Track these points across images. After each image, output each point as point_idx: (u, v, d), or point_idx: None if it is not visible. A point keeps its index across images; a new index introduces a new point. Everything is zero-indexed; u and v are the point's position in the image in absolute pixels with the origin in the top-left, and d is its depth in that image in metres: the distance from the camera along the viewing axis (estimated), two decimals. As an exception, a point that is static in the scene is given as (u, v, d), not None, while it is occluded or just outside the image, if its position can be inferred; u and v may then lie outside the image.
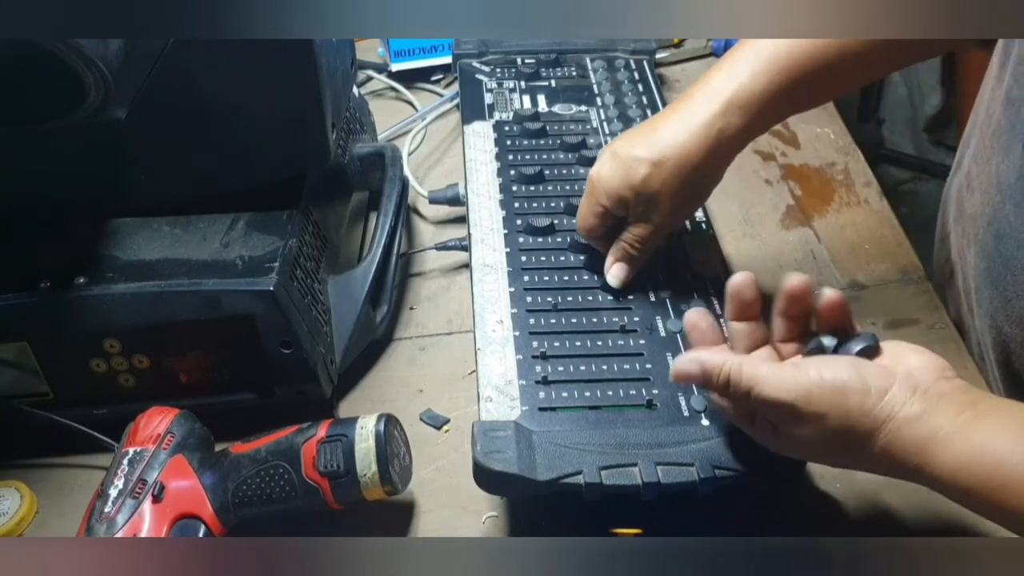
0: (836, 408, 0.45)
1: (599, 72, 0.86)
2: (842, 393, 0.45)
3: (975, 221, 0.59)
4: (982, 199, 0.58)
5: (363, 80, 1.00)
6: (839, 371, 0.45)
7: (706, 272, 0.65)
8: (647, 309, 0.61)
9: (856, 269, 0.75)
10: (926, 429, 0.43)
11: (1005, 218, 0.54)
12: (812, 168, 0.86)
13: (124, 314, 0.58)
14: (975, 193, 0.60)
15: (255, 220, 0.64)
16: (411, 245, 0.80)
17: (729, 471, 0.51)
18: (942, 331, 0.69)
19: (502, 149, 0.76)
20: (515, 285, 0.63)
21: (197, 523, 0.54)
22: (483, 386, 0.56)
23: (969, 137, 0.63)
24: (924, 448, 0.43)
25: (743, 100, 0.56)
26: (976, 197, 0.59)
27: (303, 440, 0.55)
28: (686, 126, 0.57)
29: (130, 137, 0.60)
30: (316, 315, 0.63)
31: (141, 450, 0.55)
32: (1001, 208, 0.55)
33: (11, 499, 0.61)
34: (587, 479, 0.50)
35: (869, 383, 0.45)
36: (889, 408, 0.44)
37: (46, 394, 0.62)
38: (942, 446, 0.43)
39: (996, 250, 0.56)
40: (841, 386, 0.45)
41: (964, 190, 0.62)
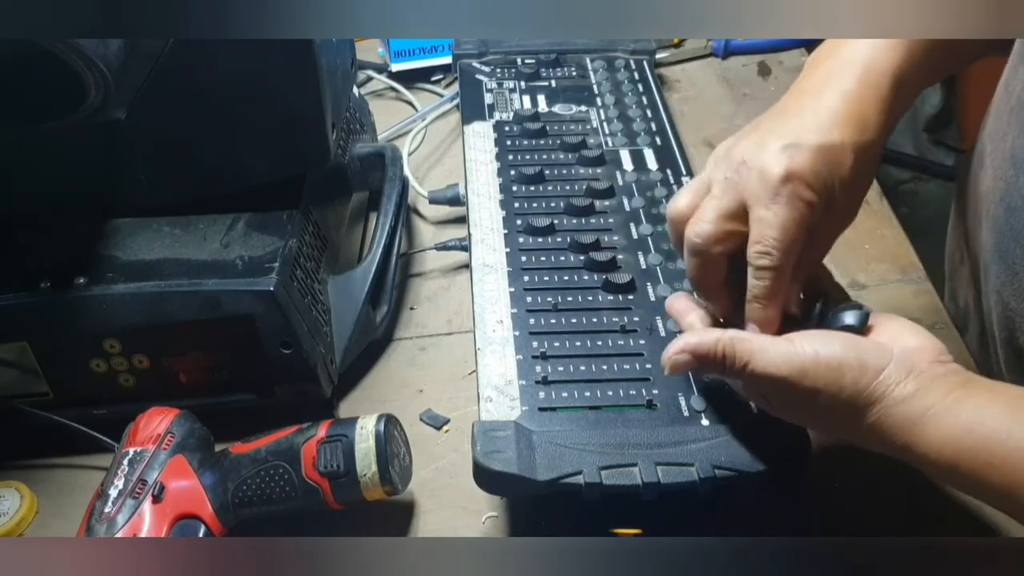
0: (831, 385, 0.45)
1: (599, 72, 0.86)
2: (837, 371, 0.45)
3: (987, 198, 0.59)
4: (994, 175, 0.57)
5: (363, 80, 1.00)
6: (835, 347, 0.45)
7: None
8: (647, 309, 0.61)
9: (856, 269, 0.75)
10: (916, 408, 0.44)
11: (1018, 191, 0.53)
12: (812, 168, 0.86)
13: (124, 314, 0.58)
14: (988, 171, 0.59)
15: (255, 220, 0.64)
16: (411, 245, 0.80)
17: (729, 471, 0.51)
18: (942, 331, 0.69)
19: (502, 149, 0.76)
20: (515, 285, 0.63)
21: (197, 523, 0.54)
22: (483, 386, 0.56)
23: (985, 119, 0.63)
24: (913, 426, 0.44)
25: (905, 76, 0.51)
26: (988, 174, 0.58)
27: (303, 440, 0.55)
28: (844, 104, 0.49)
29: (130, 137, 0.60)
30: (316, 315, 0.63)
31: (141, 450, 0.55)
32: (1014, 182, 0.54)
33: (11, 499, 0.61)
34: (587, 479, 0.50)
35: (865, 361, 0.45)
36: (883, 387, 0.44)
37: (46, 394, 0.62)
38: (930, 424, 0.43)
39: (1007, 223, 0.55)
40: (837, 364, 0.45)
41: (978, 169, 0.61)
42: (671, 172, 0.73)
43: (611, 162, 0.74)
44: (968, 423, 0.42)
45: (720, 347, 0.47)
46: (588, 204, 0.69)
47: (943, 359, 0.46)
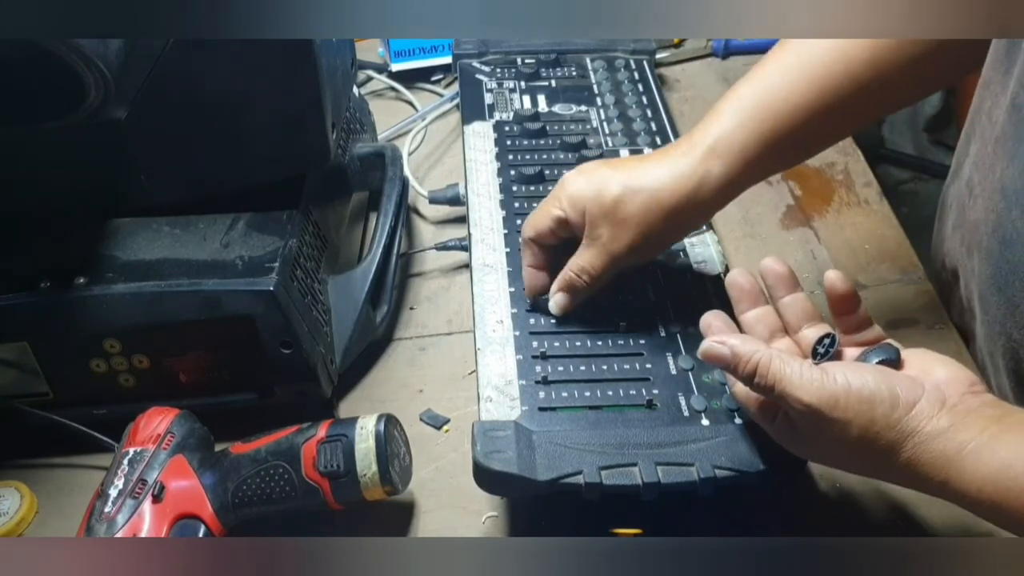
0: (861, 417, 0.44)
1: (599, 72, 0.86)
2: (869, 402, 0.44)
3: (978, 228, 0.59)
4: (985, 206, 0.58)
5: (363, 80, 1.00)
6: (867, 379, 0.45)
7: (706, 271, 0.65)
8: (647, 308, 0.61)
9: (856, 269, 0.75)
10: (952, 444, 0.43)
11: (1011, 224, 0.54)
12: (812, 168, 0.86)
13: (124, 314, 0.58)
14: (977, 200, 0.59)
15: (255, 220, 0.64)
16: (411, 245, 0.80)
17: (729, 471, 0.51)
18: (942, 331, 0.69)
19: (502, 149, 0.76)
20: (515, 285, 0.63)
21: (197, 523, 0.54)
22: (483, 386, 0.56)
23: (966, 145, 0.63)
24: (950, 463, 0.43)
25: (723, 149, 0.55)
26: (979, 204, 0.59)
27: (303, 440, 0.55)
28: (668, 168, 0.56)
29: (130, 137, 0.60)
30: (316, 315, 0.63)
31: (141, 450, 0.55)
32: (1007, 214, 0.55)
33: (11, 499, 0.61)
34: (587, 479, 0.50)
35: (898, 394, 0.44)
36: (915, 422, 0.44)
37: (46, 394, 0.62)
38: (968, 461, 0.42)
39: (1002, 256, 0.56)
40: (868, 395, 0.44)
41: (966, 197, 0.62)
42: (671, 172, 0.73)
43: (611, 162, 0.74)
44: (1006, 460, 0.42)
45: (755, 358, 0.46)
46: (588, 204, 0.68)
47: (975, 389, 0.45)
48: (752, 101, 0.56)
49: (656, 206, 0.55)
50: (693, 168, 0.55)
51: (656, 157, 0.58)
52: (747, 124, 0.55)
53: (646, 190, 0.55)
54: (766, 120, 0.55)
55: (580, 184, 0.57)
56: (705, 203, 0.56)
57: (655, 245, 0.59)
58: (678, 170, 0.55)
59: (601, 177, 0.57)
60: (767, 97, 0.55)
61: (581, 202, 0.57)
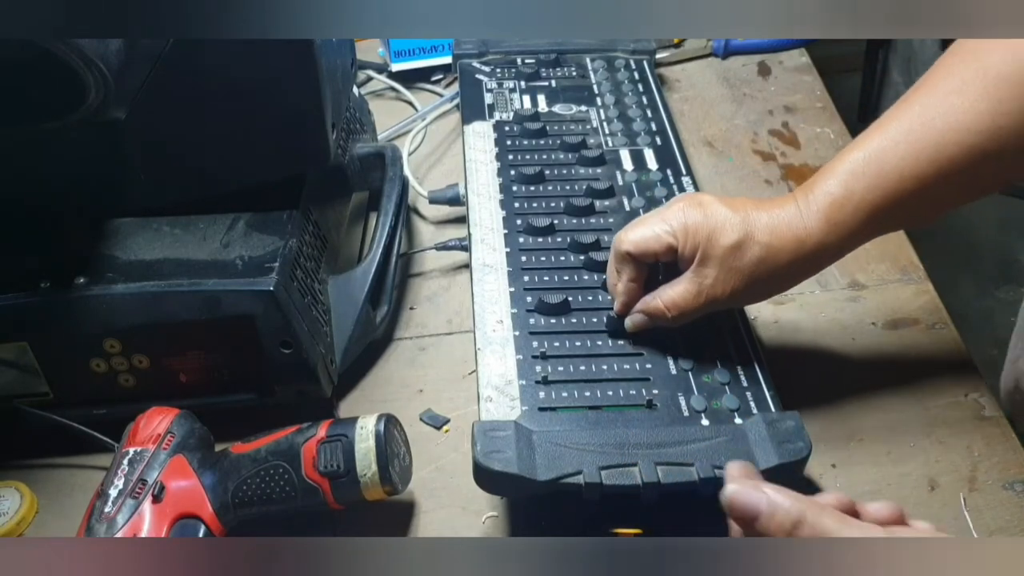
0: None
1: (599, 72, 0.86)
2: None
3: None
4: None
5: (363, 80, 1.00)
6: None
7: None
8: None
9: (856, 269, 0.75)
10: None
11: None
12: (812, 168, 0.86)
13: (124, 314, 0.58)
14: None
15: (255, 220, 0.64)
16: (411, 245, 0.80)
17: (729, 471, 0.51)
18: (942, 331, 0.69)
19: (502, 149, 0.76)
20: (515, 285, 0.63)
21: (197, 523, 0.54)
22: (483, 386, 0.56)
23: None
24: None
25: (838, 219, 0.54)
26: None
27: (303, 440, 0.55)
28: (786, 225, 0.55)
29: (130, 137, 0.60)
30: (316, 315, 0.63)
31: (141, 450, 0.55)
32: None
33: (11, 499, 0.61)
34: (587, 479, 0.50)
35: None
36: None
37: (46, 394, 0.62)
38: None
39: None
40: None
41: None
42: (671, 172, 0.73)
43: (611, 162, 0.74)
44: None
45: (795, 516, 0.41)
46: (588, 204, 0.69)
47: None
48: (863, 166, 0.54)
49: (772, 262, 0.55)
50: (808, 232, 0.54)
51: (771, 208, 0.56)
52: (857, 191, 0.54)
53: (763, 244, 0.54)
54: (877, 188, 0.54)
55: (697, 218, 0.56)
56: (815, 268, 0.56)
57: (752, 297, 0.58)
58: (793, 232, 0.54)
59: (720, 216, 0.55)
60: (879, 161, 0.54)
61: (696, 237, 0.55)
